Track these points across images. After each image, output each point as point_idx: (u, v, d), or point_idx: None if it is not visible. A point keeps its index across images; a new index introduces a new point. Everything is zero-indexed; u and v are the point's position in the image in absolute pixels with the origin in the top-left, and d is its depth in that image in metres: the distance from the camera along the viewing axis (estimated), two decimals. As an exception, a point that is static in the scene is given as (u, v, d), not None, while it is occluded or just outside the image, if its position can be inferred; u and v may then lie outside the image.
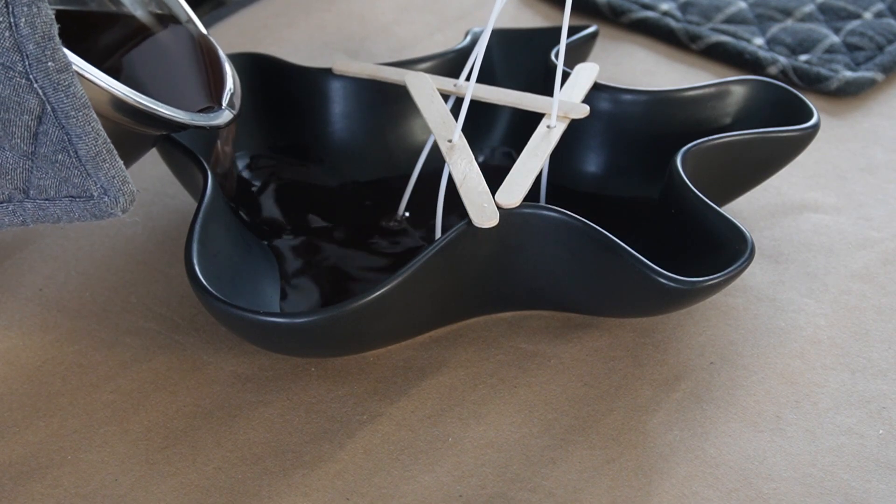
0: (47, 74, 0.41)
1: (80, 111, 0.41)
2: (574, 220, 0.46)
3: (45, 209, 0.43)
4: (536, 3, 0.74)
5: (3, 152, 0.42)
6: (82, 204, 0.43)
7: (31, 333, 0.50)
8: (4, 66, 0.40)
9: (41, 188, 0.43)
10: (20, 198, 0.43)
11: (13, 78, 0.41)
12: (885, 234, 0.56)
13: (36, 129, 0.42)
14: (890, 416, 0.47)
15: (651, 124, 0.55)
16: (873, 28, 0.69)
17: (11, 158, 0.42)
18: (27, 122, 0.41)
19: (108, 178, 0.42)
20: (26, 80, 0.41)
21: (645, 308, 0.48)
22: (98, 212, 0.43)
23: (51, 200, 0.43)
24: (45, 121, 0.41)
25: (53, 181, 0.43)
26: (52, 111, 0.41)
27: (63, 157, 0.42)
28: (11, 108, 0.41)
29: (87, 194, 0.43)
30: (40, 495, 0.43)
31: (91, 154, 0.42)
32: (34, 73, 0.41)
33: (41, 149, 0.42)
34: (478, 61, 0.50)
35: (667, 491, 0.43)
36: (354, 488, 0.43)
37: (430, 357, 0.49)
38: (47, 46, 0.41)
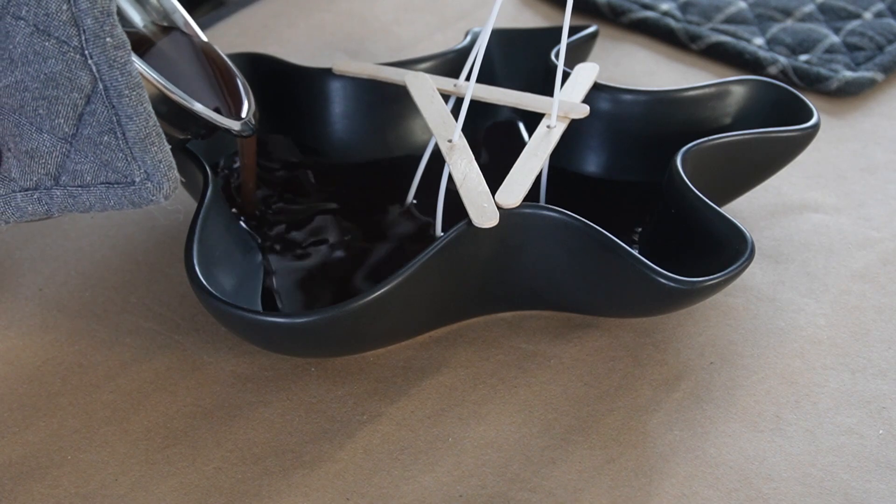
0: (104, 50, 0.40)
1: (134, 91, 0.40)
2: (574, 220, 0.46)
3: (77, 197, 0.42)
4: (536, 3, 0.74)
5: (41, 135, 0.41)
6: (121, 190, 0.42)
7: (31, 333, 0.50)
8: (59, 41, 0.40)
9: (76, 173, 0.42)
10: (49, 184, 0.42)
11: (67, 53, 0.40)
12: (885, 234, 0.56)
13: (82, 109, 0.40)
14: (890, 416, 0.47)
15: (651, 124, 0.55)
16: (873, 28, 0.69)
17: (48, 141, 0.41)
18: (75, 101, 0.40)
19: (154, 163, 0.41)
20: (81, 55, 0.40)
21: (645, 308, 0.48)
22: (138, 198, 0.42)
23: (84, 187, 0.42)
24: (95, 100, 0.40)
25: (92, 166, 0.41)
26: (104, 90, 0.40)
27: (109, 138, 0.41)
28: (62, 84, 0.40)
29: (128, 180, 0.41)
30: (40, 495, 0.43)
31: (140, 136, 0.41)
32: (90, 49, 0.40)
33: (85, 130, 0.41)
34: (478, 61, 0.50)
35: (667, 491, 0.43)
36: (354, 488, 0.43)
37: (430, 357, 0.49)
38: (106, 22, 0.39)
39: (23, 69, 0.40)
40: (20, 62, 0.40)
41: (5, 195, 0.43)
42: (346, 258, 0.51)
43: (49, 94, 0.40)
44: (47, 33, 0.40)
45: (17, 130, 0.41)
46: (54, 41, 0.40)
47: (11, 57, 0.40)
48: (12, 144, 0.42)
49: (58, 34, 0.39)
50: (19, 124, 0.41)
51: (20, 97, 0.41)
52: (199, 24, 0.61)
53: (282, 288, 0.50)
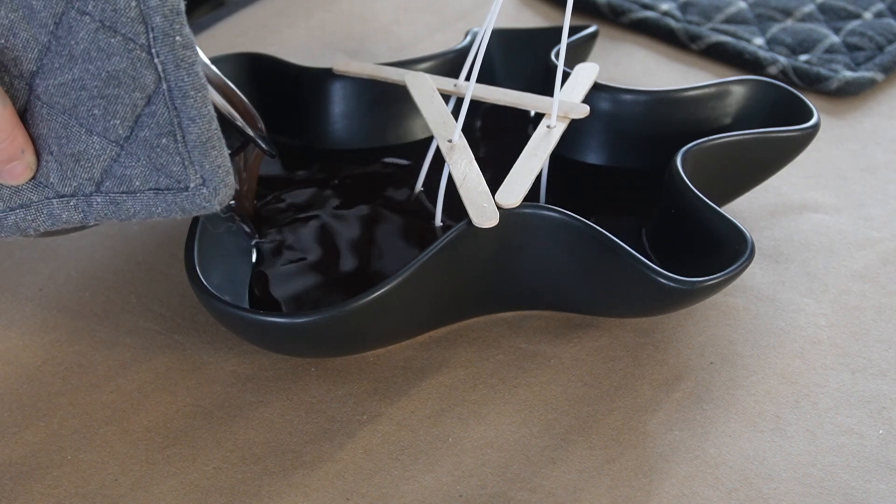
0: (172, 49, 0.38)
1: (200, 92, 0.39)
2: (574, 219, 0.46)
3: (120, 204, 0.41)
4: (536, 3, 0.74)
5: (90, 137, 0.40)
6: (171, 196, 0.40)
7: (31, 333, 0.50)
8: (125, 38, 0.38)
9: (123, 178, 0.40)
10: (89, 190, 0.41)
11: (133, 51, 0.39)
12: (885, 234, 0.56)
13: (141, 110, 0.39)
14: (890, 416, 0.47)
15: (651, 124, 0.55)
16: (873, 28, 0.69)
17: (97, 144, 0.40)
18: (135, 101, 0.39)
19: (212, 168, 0.40)
20: (147, 54, 0.39)
21: (645, 308, 0.48)
22: (190, 205, 0.41)
23: (130, 193, 0.41)
24: (156, 100, 0.39)
25: (143, 170, 0.40)
26: (168, 90, 0.39)
27: (167, 141, 0.40)
28: (124, 83, 0.39)
29: (182, 185, 0.40)
30: (40, 495, 0.43)
31: (202, 139, 0.39)
32: (158, 47, 0.38)
33: (141, 132, 0.40)
34: (477, 61, 0.50)
35: (667, 491, 0.43)
36: (354, 488, 0.43)
37: (430, 357, 0.49)
38: (176, 20, 0.38)
39: (83, 66, 0.39)
40: (81, 59, 0.39)
41: (38, 202, 0.42)
42: (344, 257, 0.51)
43: (108, 94, 0.39)
44: (113, 30, 0.39)
45: (64, 132, 0.40)
46: (120, 38, 0.39)
47: (72, 53, 0.39)
48: (56, 147, 0.41)
49: (124, 31, 0.38)
50: (67, 126, 0.40)
51: (75, 96, 0.40)
52: (199, 24, 0.61)
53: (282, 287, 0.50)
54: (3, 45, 0.40)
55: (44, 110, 0.41)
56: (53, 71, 0.40)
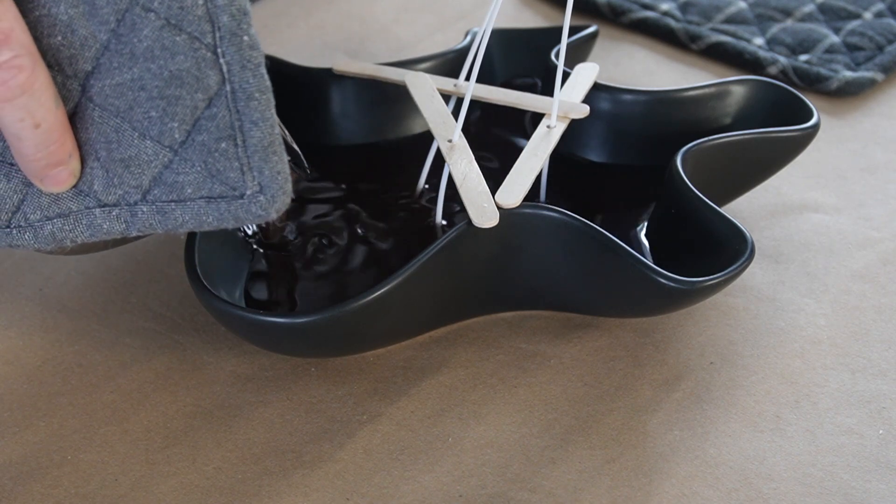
0: (239, 49, 0.37)
1: (265, 94, 0.38)
2: (574, 220, 0.46)
3: (167, 213, 0.39)
4: (536, 3, 0.74)
5: (143, 141, 0.39)
6: (225, 205, 0.39)
7: (31, 333, 0.50)
8: (191, 37, 0.37)
9: (174, 186, 0.39)
10: (134, 199, 0.39)
11: (198, 50, 0.37)
12: (885, 234, 0.56)
13: (201, 113, 0.38)
14: (890, 416, 0.47)
15: (651, 124, 0.55)
16: (873, 28, 0.69)
17: (150, 149, 0.39)
18: (196, 103, 0.38)
19: (272, 174, 0.38)
20: (213, 53, 0.37)
21: (645, 308, 0.48)
22: (244, 213, 0.39)
23: (180, 202, 0.39)
24: (217, 103, 0.38)
25: (196, 177, 0.39)
26: (231, 92, 0.38)
27: (227, 145, 0.38)
28: (187, 83, 0.38)
29: (237, 193, 0.39)
30: (40, 495, 0.43)
31: (263, 144, 0.38)
32: (224, 47, 0.37)
33: (199, 136, 0.38)
34: (477, 61, 0.50)
35: (667, 491, 0.43)
36: (354, 488, 0.43)
37: (430, 357, 0.49)
38: (243, 20, 0.37)
39: (144, 65, 0.38)
40: (143, 57, 0.38)
41: (79, 212, 0.40)
42: (343, 257, 0.51)
43: (170, 94, 0.38)
44: (179, 28, 0.38)
45: (115, 136, 0.39)
46: (186, 36, 0.37)
47: (133, 52, 0.38)
48: (104, 153, 0.39)
49: (190, 29, 0.37)
50: (119, 129, 0.39)
51: (132, 97, 0.39)
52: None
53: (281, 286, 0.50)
54: (59, 42, 0.39)
55: (95, 113, 0.39)
56: (111, 71, 0.39)
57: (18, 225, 0.41)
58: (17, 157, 0.40)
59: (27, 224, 0.41)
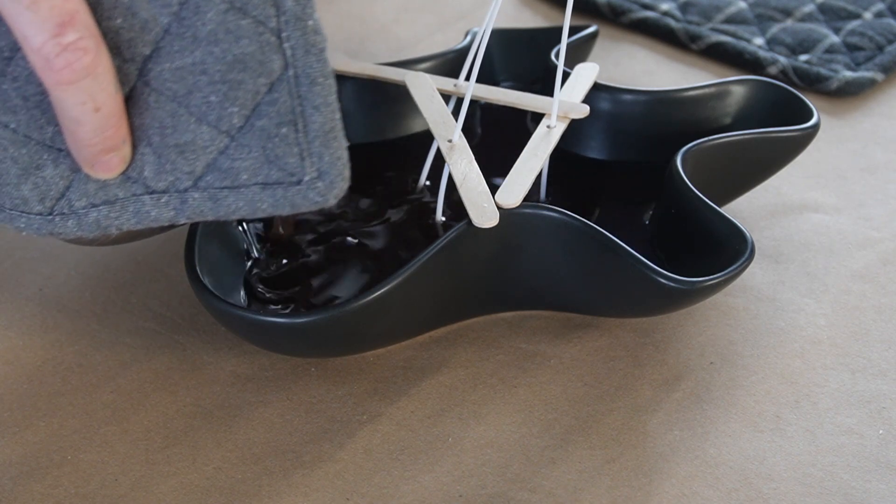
0: (304, 34, 0.37)
1: (328, 79, 0.38)
2: (574, 220, 0.46)
3: (219, 200, 0.39)
4: (536, 3, 0.74)
5: (199, 126, 0.38)
6: (281, 191, 0.38)
7: (31, 333, 0.50)
8: (256, 21, 0.37)
9: (229, 172, 0.38)
10: (185, 186, 0.39)
11: (263, 34, 0.37)
12: (885, 234, 0.56)
13: (262, 98, 0.38)
14: (890, 416, 0.47)
15: (651, 124, 0.55)
16: (873, 28, 0.69)
17: (207, 134, 0.38)
18: (258, 87, 0.38)
19: (332, 160, 0.38)
20: (276, 38, 0.37)
21: (645, 308, 0.48)
22: (302, 199, 0.39)
23: (234, 188, 0.39)
24: (279, 87, 0.38)
25: (253, 163, 0.38)
26: (294, 77, 0.37)
27: (287, 130, 0.38)
28: (250, 67, 0.37)
29: (295, 179, 0.38)
30: (40, 495, 0.43)
31: (325, 129, 0.38)
32: (288, 31, 0.37)
33: (259, 121, 0.38)
34: (477, 61, 0.50)
35: (667, 491, 0.43)
36: (354, 488, 0.43)
37: (430, 357, 0.49)
38: (307, 5, 0.37)
39: (207, 49, 0.38)
40: (206, 41, 0.38)
41: (126, 199, 0.40)
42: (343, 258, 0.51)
43: (231, 78, 0.38)
44: (244, 11, 0.37)
45: (170, 121, 0.39)
46: (250, 20, 0.37)
47: (196, 35, 0.38)
48: (157, 138, 0.39)
49: (255, 13, 0.37)
50: (176, 114, 0.38)
51: (192, 81, 0.38)
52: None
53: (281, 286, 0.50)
54: (119, 25, 0.38)
55: (151, 97, 0.39)
56: (171, 54, 0.38)
57: (61, 212, 0.40)
58: (72, 141, 0.39)
59: (71, 211, 0.40)
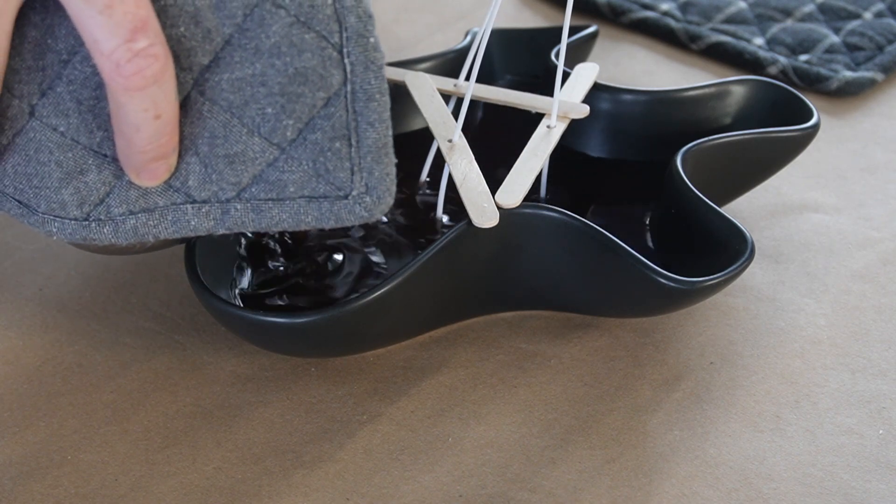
0: (365, 50, 0.38)
1: (384, 96, 0.38)
2: (574, 220, 0.46)
3: (263, 212, 0.39)
4: (536, 3, 0.74)
5: (251, 138, 0.38)
6: (327, 205, 0.39)
7: (31, 333, 0.50)
8: (319, 35, 0.38)
9: (276, 184, 0.39)
10: (228, 196, 0.39)
11: (325, 49, 0.38)
12: (885, 234, 0.56)
13: (317, 112, 0.38)
14: (890, 416, 0.47)
15: (651, 124, 0.55)
16: (873, 28, 0.69)
17: (258, 146, 0.38)
18: (315, 101, 0.38)
19: (381, 175, 0.39)
20: (338, 53, 0.38)
21: (645, 308, 0.48)
22: (347, 213, 0.39)
23: (279, 200, 0.39)
24: (335, 102, 0.38)
25: (302, 176, 0.39)
26: (351, 92, 0.38)
27: (340, 145, 0.38)
28: (311, 81, 0.38)
29: (342, 193, 0.39)
30: (40, 495, 0.43)
31: (378, 145, 0.38)
32: (350, 47, 0.38)
33: (312, 135, 0.38)
34: (477, 61, 0.50)
35: (667, 491, 0.43)
36: (354, 488, 0.43)
37: (430, 357, 0.49)
38: (368, 22, 0.38)
39: (268, 61, 0.38)
40: (268, 53, 0.38)
41: (165, 207, 0.40)
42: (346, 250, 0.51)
43: (291, 91, 0.38)
44: (308, 26, 0.38)
45: (222, 132, 0.39)
46: (314, 34, 0.38)
47: (258, 47, 0.38)
48: (206, 148, 0.39)
49: (319, 28, 0.38)
50: (228, 125, 0.39)
51: (250, 93, 0.38)
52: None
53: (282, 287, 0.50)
54: (181, 33, 0.38)
55: (204, 107, 0.39)
56: (231, 65, 0.38)
57: (98, 218, 0.40)
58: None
59: (108, 218, 0.40)
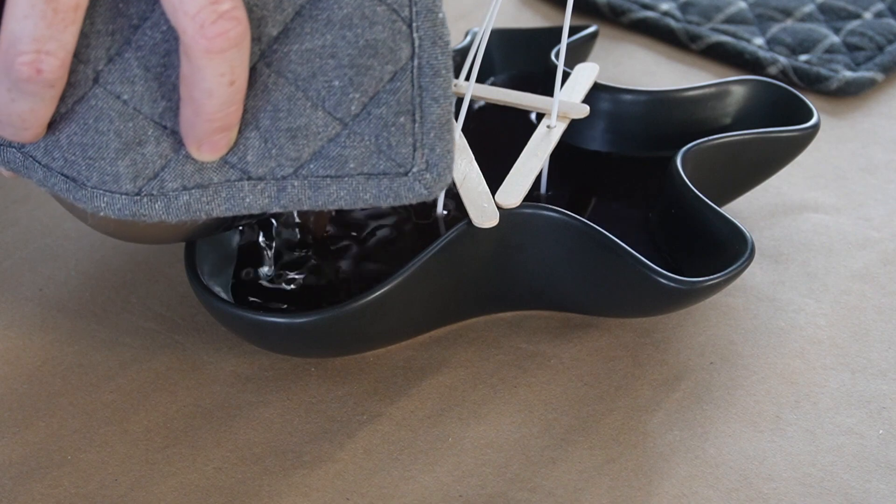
0: (433, 26, 0.38)
1: (449, 72, 0.38)
2: (574, 220, 0.46)
3: (321, 189, 0.38)
4: (536, 3, 0.74)
5: (315, 112, 0.38)
6: (386, 182, 0.38)
7: (31, 333, 0.50)
8: (390, 8, 0.37)
9: (336, 160, 0.38)
10: (286, 173, 0.38)
11: (396, 22, 0.38)
12: (885, 234, 0.56)
13: (383, 86, 0.38)
14: (890, 416, 0.47)
15: (651, 124, 0.55)
16: (873, 28, 0.69)
17: (321, 120, 0.38)
18: (383, 75, 0.38)
19: (442, 152, 0.39)
20: (408, 27, 0.38)
21: (645, 308, 0.48)
22: (406, 191, 0.39)
23: (338, 177, 0.38)
24: (401, 77, 0.38)
25: (363, 151, 0.38)
26: (417, 67, 0.38)
27: (404, 120, 0.38)
28: (381, 54, 0.38)
29: (402, 170, 0.38)
30: (40, 495, 0.43)
31: (441, 121, 0.38)
32: (419, 21, 0.38)
33: (377, 109, 0.38)
34: (477, 61, 0.50)
35: (667, 491, 0.43)
36: (354, 488, 0.43)
37: (430, 357, 0.49)
38: None
39: (339, 32, 0.37)
40: (339, 24, 0.37)
41: (220, 183, 0.39)
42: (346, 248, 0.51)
43: (360, 63, 0.37)
44: None
45: (286, 105, 0.38)
46: (385, 7, 0.37)
47: (331, 18, 0.37)
48: (267, 121, 0.38)
49: (390, 1, 0.37)
50: (293, 97, 0.38)
51: (318, 64, 0.38)
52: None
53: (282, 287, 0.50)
54: (252, 3, 0.37)
55: (270, 79, 0.38)
56: (301, 36, 0.38)
57: (150, 193, 0.39)
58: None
59: (160, 193, 0.39)
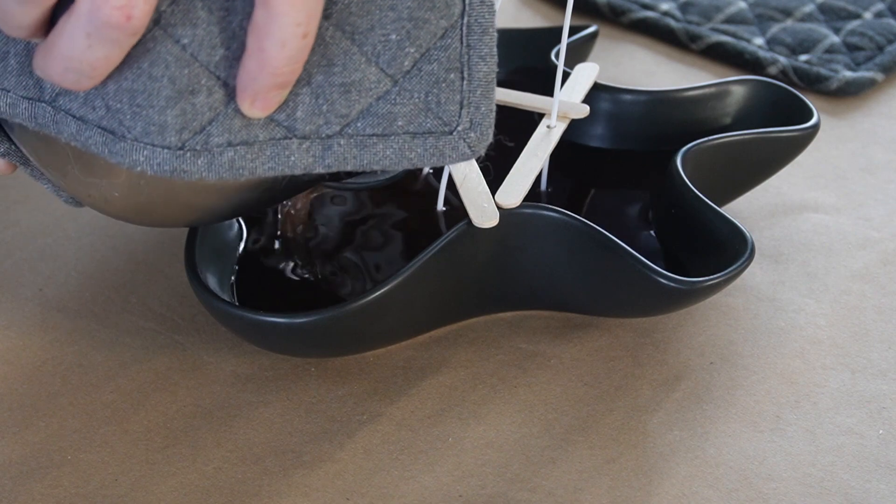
0: None
1: (494, 31, 0.38)
2: (574, 220, 0.46)
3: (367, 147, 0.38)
4: (536, 3, 0.74)
5: (369, 66, 0.37)
6: (432, 141, 0.38)
7: (31, 333, 0.50)
8: None
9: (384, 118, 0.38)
10: (331, 131, 0.38)
11: None
12: (885, 234, 0.56)
13: (435, 42, 0.38)
14: (890, 416, 0.47)
15: (651, 124, 0.55)
16: (873, 28, 0.69)
17: (374, 76, 0.38)
18: (437, 30, 0.37)
19: (487, 110, 0.39)
20: None
21: (645, 308, 0.48)
22: (451, 150, 0.39)
23: (384, 136, 0.38)
24: (451, 34, 0.38)
25: (412, 109, 0.38)
26: (466, 25, 0.38)
27: (454, 77, 0.38)
28: (437, 8, 0.37)
29: (448, 128, 0.39)
30: (40, 495, 0.43)
31: (487, 79, 0.38)
32: None
33: (427, 66, 0.38)
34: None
35: (667, 491, 0.43)
36: (354, 488, 0.43)
37: (430, 357, 0.49)
38: None
39: None
40: None
41: (265, 141, 0.38)
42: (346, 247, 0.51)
43: (418, 16, 0.37)
44: None
45: (341, 59, 0.37)
46: None
47: None
48: (321, 76, 0.37)
49: None
50: (348, 52, 0.37)
51: (378, 16, 0.37)
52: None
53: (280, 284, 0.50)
54: None
55: (327, 32, 0.37)
56: None
57: (193, 148, 0.37)
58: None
59: (204, 148, 0.37)
